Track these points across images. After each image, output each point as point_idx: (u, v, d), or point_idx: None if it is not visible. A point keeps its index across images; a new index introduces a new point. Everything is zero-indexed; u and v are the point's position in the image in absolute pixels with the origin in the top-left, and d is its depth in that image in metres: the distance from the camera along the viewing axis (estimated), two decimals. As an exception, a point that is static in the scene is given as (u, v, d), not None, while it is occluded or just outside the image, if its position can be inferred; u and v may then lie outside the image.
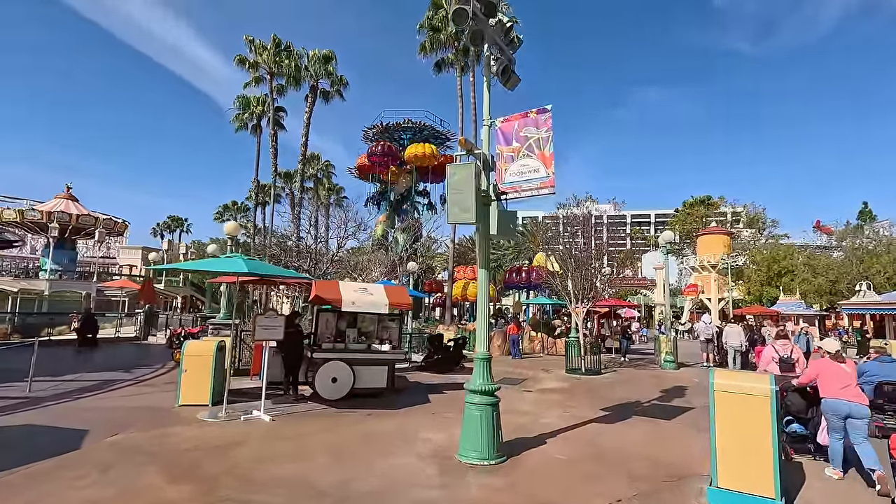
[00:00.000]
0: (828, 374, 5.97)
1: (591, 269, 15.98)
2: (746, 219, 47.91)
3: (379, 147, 35.68)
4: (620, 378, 14.82)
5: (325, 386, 9.43)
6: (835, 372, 5.92)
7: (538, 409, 9.59)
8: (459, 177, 6.08)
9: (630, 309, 30.43)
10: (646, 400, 10.92)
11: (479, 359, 6.41)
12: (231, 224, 12.43)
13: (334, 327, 10.26)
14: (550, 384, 13.13)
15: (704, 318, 18.36)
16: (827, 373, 5.99)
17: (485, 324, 6.43)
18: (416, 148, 35.01)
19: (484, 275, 6.54)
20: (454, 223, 6.16)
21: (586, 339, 21.19)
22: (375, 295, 10.05)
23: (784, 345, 8.53)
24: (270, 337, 8.19)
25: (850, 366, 6.08)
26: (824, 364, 6.13)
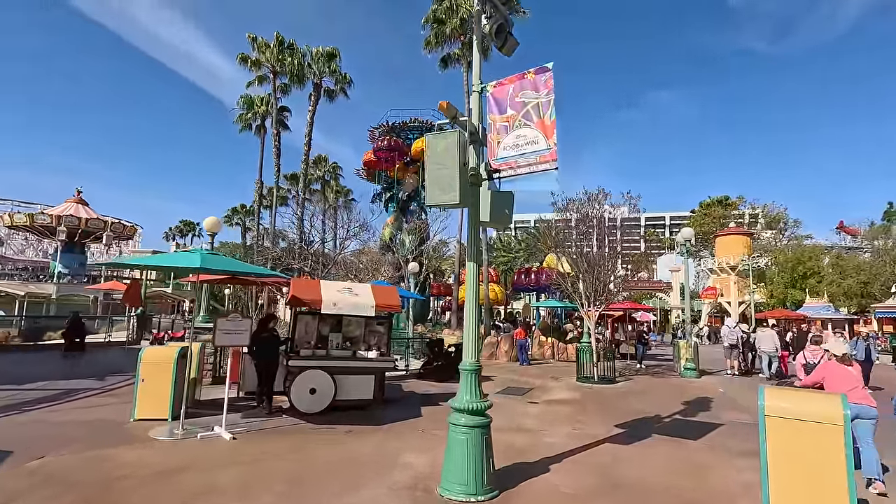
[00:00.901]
0: (835, 376, 5.93)
1: (605, 269, 14.77)
2: (767, 219, 45.98)
3: (385, 142, 34.69)
4: (636, 387, 13.56)
5: (302, 398, 8.38)
6: (842, 375, 5.91)
7: (543, 426, 8.42)
8: (440, 149, 5.00)
9: (646, 312, 28.97)
10: (666, 414, 9.68)
11: (467, 371, 5.30)
12: (210, 219, 11.50)
13: (315, 332, 9.21)
14: (559, 394, 11.93)
15: (728, 322, 16.98)
16: (834, 376, 5.95)
17: (473, 329, 5.32)
18: (423, 143, 33.78)
19: (473, 270, 5.44)
20: (434, 205, 5.02)
21: (599, 345, 19.95)
22: (361, 295, 9.00)
23: (814, 351, 8.02)
24: (233, 343, 7.17)
25: (857, 368, 6.12)
26: (831, 367, 6.12)
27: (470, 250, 5.51)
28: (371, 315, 8.93)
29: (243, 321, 7.19)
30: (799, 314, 29.29)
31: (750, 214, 54.81)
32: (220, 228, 11.78)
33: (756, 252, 38.38)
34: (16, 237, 54.63)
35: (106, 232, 44.34)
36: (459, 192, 4.88)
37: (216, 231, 11.81)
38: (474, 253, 5.49)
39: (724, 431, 8.27)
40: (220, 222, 11.68)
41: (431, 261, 38.19)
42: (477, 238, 5.54)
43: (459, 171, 4.91)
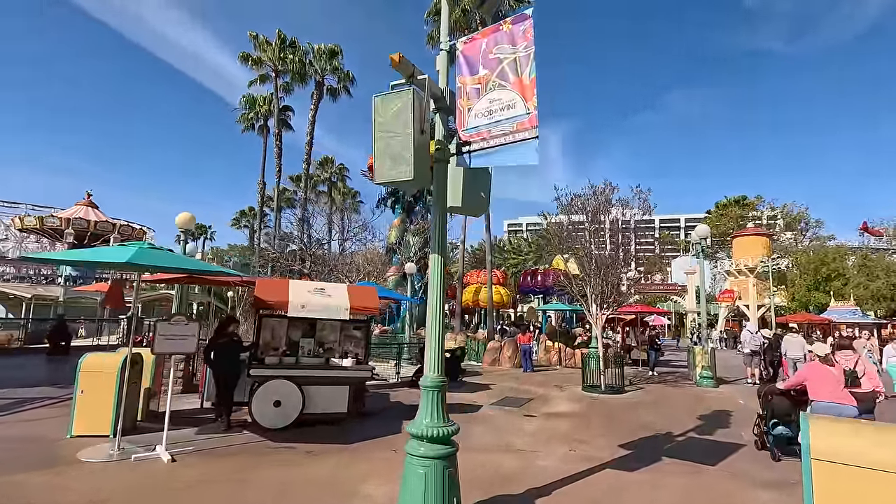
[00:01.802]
0: (818, 377, 6.15)
1: (614, 270, 13.65)
2: (787, 219, 44.13)
3: None
4: (648, 398, 12.41)
5: (265, 411, 7.46)
6: (824, 375, 6.12)
7: (537, 445, 7.38)
8: (391, 113, 4.05)
9: (659, 316, 27.65)
10: (680, 431, 8.57)
11: (428, 388, 4.32)
12: (183, 216, 10.70)
13: (284, 337, 8.29)
14: (561, 406, 10.86)
15: (749, 327, 15.70)
16: (817, 376, 6.16)
17: (437, 333, 4.34)
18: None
19: (437, 264, 4.46)
20: (383, 183, 4.02)
21: (609, 351, 18.79)
22: (334, 297, 8.08)
23: (847, 356, 7.51)
24: (176, 350, 6.28)
25: (838, 369, 6.36)
26: (814, 368, 6.31)
27: (435, 239, 4.53)
28: (345, 318, 7.99)
29: (189, 325, 6.29)
30: (823, 318, 27.70)
31: (769, 216, 52.89)
32: (193, 225, 10.97)
33: (776, 253, 36.70)
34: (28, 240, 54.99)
35: (113, 234, 44.30)
36: (413, 165, 3.91)
37: (189, 228, 11.01)
38: (438, 243, 4.51)
39: (747, 454, 7.15)
40: (193, 219, 10.87)
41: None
42: (442, 225, 4.55)
43: (414, 139, 3.94)
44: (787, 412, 6.80)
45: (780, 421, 6.88)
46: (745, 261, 38.62)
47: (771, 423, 6.96)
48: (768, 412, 7.07)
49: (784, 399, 6.91)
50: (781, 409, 6.89)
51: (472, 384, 13.80)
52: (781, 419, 6.87)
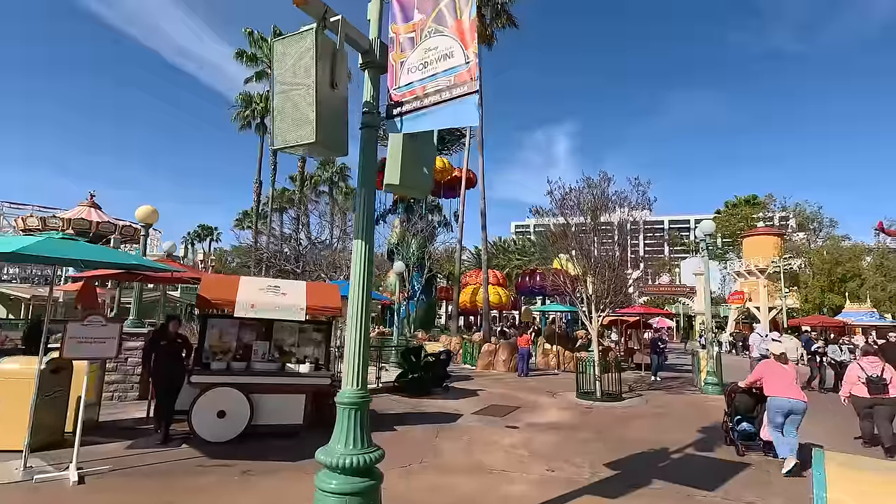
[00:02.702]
0: (773, 374, 6.58)
1: (613, 270, 12.71)
2: (800, 218, 42.65)
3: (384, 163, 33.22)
4: (646, 406, 11.47)
5: (207, 422, 6.68)
6: (779, 373, 6.57)
7: (510, 464, 6.51)
8: (291, 60, 3.25)
9: (664, 318, 26.57)
10: (677, 446, 7.65)
11: (344, 406, 3.49)
12: (144, 209, 9.98)
13: (234, 340, 7.51)
14: (548, 416, 9.96)
15: (759, 330, 14.69)
16: (772, 373, 6.59)
17: (359, 341, 3.50)
18: None
19: (361, 251, 3.62)
20: (282, 149, 3.20)
21: (609, 355, 17.84)
22: (289, 295, 7.28)
23: (873, 362, 7.72)
24: (92, 355, 5.51)
25: (791, 366, 6.81)
26: (769, 365, 6.75)
27: (359, 220, 3.70)
28: (300, 319, 7.18)
29: (108, 326, 5.52)
30: (838, 321, 26.46)
31: (780, 217, 51.27)
32: (155, 219, 10.25)
33: (788, 253, 35.38)
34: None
35: (114, 235, 44.10)
36: (317, 124, 3.09)
37: (151, 223, 10.30)
38: (363, 225, 3.67)
39: (750, 477, 6.23)
40: (155, 212, 10.14)
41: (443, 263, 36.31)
42: (367, 205, 3.72)
43: (318, 90, 3.12)
44: (750, 408, 7.26)
45: (744, 417, 7.29)
46: (755, 261, 37.34)
47: (735, 420, 7.37)
48: (732, 409, 7.49)
49: (746, 396, 7.32)
50: (744, 406, 7.32)
51: (459, 390, 12.94)
52: (745, 415, 7.28)
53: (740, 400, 7.38)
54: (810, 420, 9.88)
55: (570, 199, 13.28)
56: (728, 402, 7.70)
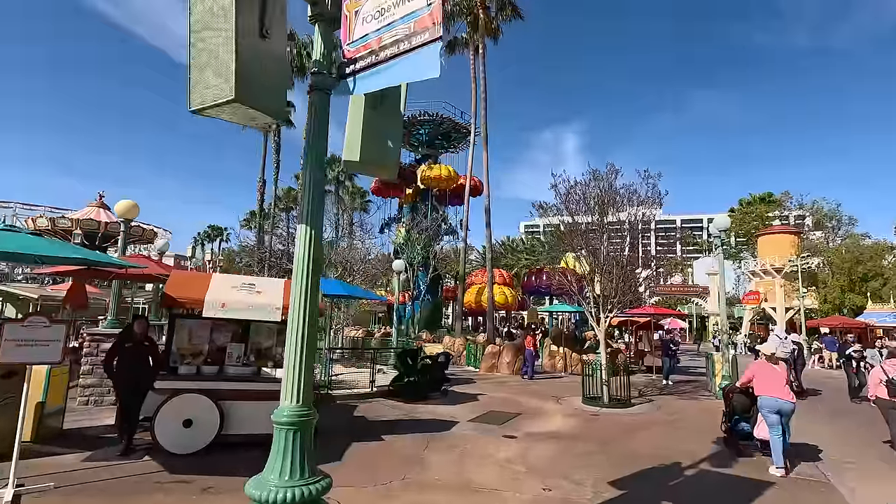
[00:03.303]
0: (763, 374, 6.79)
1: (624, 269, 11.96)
2: (818, 216, 41.30)
3: None
4: (657, 413, 10.74)
5: (171, 432, 6.13)
6: (769, 373, 6.76)
7: (503, 481, 5.87)
8: (203, 6, 2.63)
9: (676, 319, 25.66)
10: (691, 460, 6.94)
11: (281, 426, 2.91)
12: (124, 203, 9.48)
13: (206, 342, 6.96)
14: (551, 423, 9.29)
15: (777, 331, 13.87)
16: (762, 374, 6.80)
17: (301, 342, 2.90)
18: (430, 170, 31.23)
19: (306, 238, 3.01)
20: (200, 111, 2.57)
21: (619, 358, 17.10)
22: (265, 293, 6.71)
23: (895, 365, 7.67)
24: (34, 359, 4.97)
25: (782, 367, 7.00)
26: (760, 366, 6.95)
27: (305, 202, 3.08)
28: (276, 320, 6.60)
29: (52, 328, 4.99)
30: (859, 322, 25.38)
31: (796, 216, 49.76)
32: (135, 214, 9.76)
33: (805, 252, 34.19)
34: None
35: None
36: (237, 77, 2.48)
37: (131, 218, 9.80)
38: (309, 207, 3.06)
39: (776, 497, 5.52)
40: (135, 207, 9.65)
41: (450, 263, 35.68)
42: (314, 183, 3.11)
43: (238, 35, 2.51)
44: (747, 408, 7.32)
45: (741, 417, 7.41)
46: (771, 260, 36.16)
47: (734, 420, 7.49)
48: (730, 409, 7.59)
49: (742, 396, 7.41)
50: (741, 406, 7.41)
51: (458, 394, 12.31)
52: (741, 415, 7.39)
53: (737, 400, 7.51)
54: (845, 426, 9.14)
55: (575, 194, 12.59)
56: (726, 402, 7.87)
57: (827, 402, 12.97)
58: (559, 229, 13.80)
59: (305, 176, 3.12)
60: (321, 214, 3.15)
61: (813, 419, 10.56)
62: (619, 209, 11.93)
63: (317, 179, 3.12)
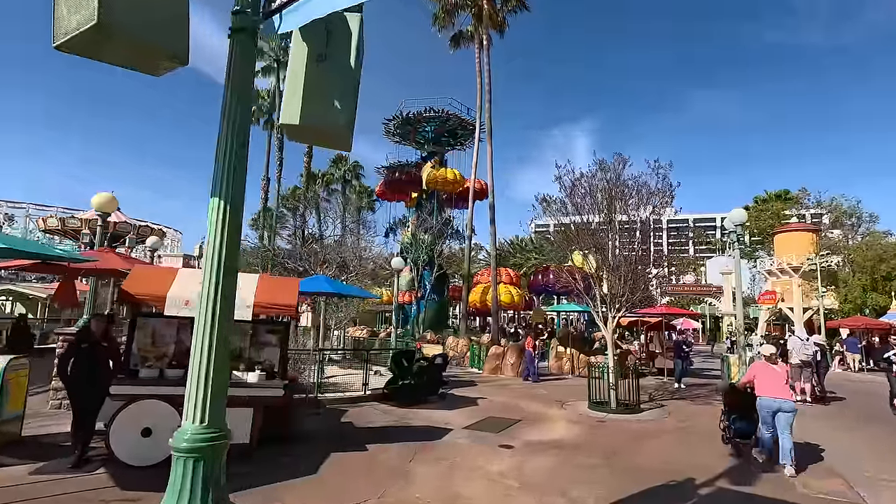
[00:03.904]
0: (763, 375, 6.85)
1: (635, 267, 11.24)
2: (836, 213, 39.93)
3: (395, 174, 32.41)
4: (668, 420, 10.01)
5: (128, 441, 5.58)
6: (769, 373, 6.83)
7: (492, 498, 5.23)
8: None
9: (688, 319, 24.75)
10: (706, 476, 6.24)
11: (181, 454, 2.28)
12: (101, 196, 9.01)
13: (173, 343, 6.41)
14: (553, 431, 8.61)
15: (799, 333, 13.02)
16: (762, 374, 6.87)
17: (208, 351, 2.31)
18: (438, 173, 30.19)
19: (218, 212, 2.41)
20: (65, 46, 1.96)
21: (628, 360, 16.35)
22: (235, 290, 6.09)
23: None
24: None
25: (782, 367, 7.05)
26: (760, 366, 7.05)
27: (220, 168, 2.47)
28: (245, 319, 6.02)
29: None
30: (882, 322, 24.26)
31: (812, 214, 48.27)
32: (114, 207, 9.29)
33: (824, 250, 32.98)
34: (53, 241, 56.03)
35: (130, 235, 44.24)
36: (97, 4, 1.88)
37: (109, 211, 9.33)
38: (225, 174, 2.45)
39: (804, 524, 4.81)
40: (114, 200, 9.17)
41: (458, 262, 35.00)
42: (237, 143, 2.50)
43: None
44: (745, 408, 7.31)
45: (739, 416, 7.40)
46: (788, 259, 35.00)
47: (732, 419, 7.46)
48: (728, 408, 7.61)
49: (741, 396, 7.43)
50: (740, 405, 7.41)
51: (457, 398, 11.68)
52: (740, 414, 7.39)
53: (736, 399, 7.55)
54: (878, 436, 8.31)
55: (581, 186, 11.89)
56: (724, 401, 7.84)
57: (854, 408, 12.11)
58: (563, 224, 13.10)
59: (225, 134, 2.50)
60: (240, 188, 2.53)
61: (839, 427, 9.77)
62: (628, 202, 11.19)
63: (237, 137, 2.51)
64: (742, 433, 7.33)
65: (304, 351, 10.70)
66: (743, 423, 7.31)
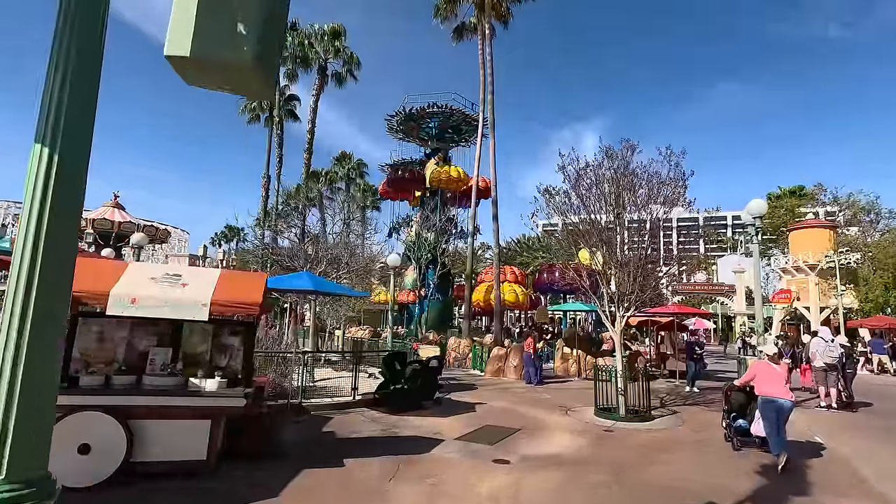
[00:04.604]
0: (764, 374, 6.92)
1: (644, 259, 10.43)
2: (853, 210, 38.58)
3: (399, 173, 31.72)
4: (683, 429, 9.17)
5: (63, 459, 4.85)
6: (769, 372, 6.87)
7: (479, 532, 4.46)
8: None
9: (701, 319, 23.77)
10: (730, 499, 5.43)
11: None
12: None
13: (123, 346, 5.72)
14: (554, 443, 7.82)
15: (823, 333, 12.09)
16: (763, 373, 6.94)
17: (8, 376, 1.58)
18: (441, 172, 29.33)
19: (42, 160, 1.68)
20: None
21: (638, 362, 15.50)
22: (191, 287, 5.44)
23: None
24: None
25: (782, 366, 7.06)
26: (761, 365, 7.09)
27: (47, 102, 1.74)
28: (201, 318, 5.31)
29: None
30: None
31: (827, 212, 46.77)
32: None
33: (843, 247, 31.77)
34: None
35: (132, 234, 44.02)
36: None
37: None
38: (53, 121, 1.72)
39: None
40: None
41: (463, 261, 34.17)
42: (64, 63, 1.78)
43: None
44: (745, 406, 7.53)
45: (739, 414, 7.59)
46: (804, 256, 33.81)
47: (732, 417, 7.67)
48: (729, 407, 7.82)
49: (741, 395, 7.65)
50: (739, 404, 7.63)
51: (454, 403, 10.93)
52: (740, 412, 7.58)
53: (735, 398, 7.74)
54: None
55: (586, 176, 11.07)
56: (725, 399, 8.02)
57: (885, 415, 11.18)
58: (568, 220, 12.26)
59: (58, 43, 1.75)
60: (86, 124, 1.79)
61: (871, 437, 8.87)
62: (637, 193, 10.36)
63: (85, 49, 1.76)
64: (742, 431, 7.49)
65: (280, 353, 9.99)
66: (742, 421, 7.51)
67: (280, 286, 9.94)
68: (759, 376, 6.96)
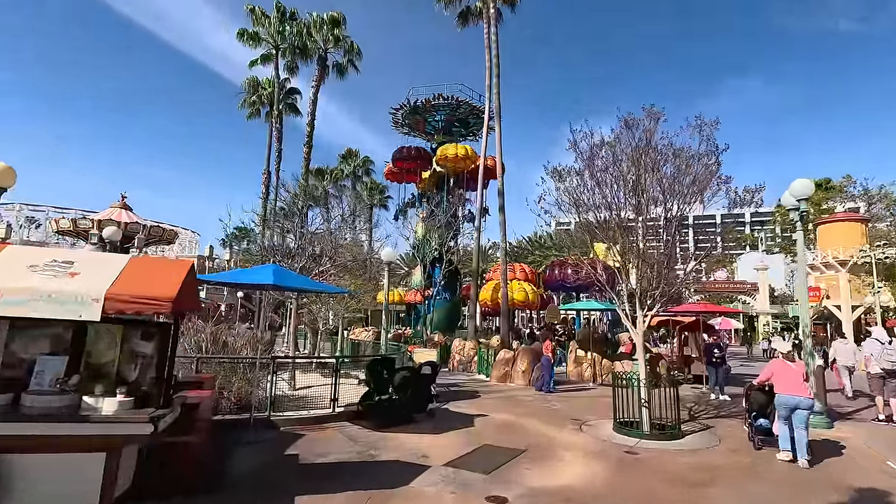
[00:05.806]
0: (780, 372, 7.03)
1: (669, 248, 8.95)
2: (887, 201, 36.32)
3: (405, 152, 30.33)
4: (719, 450, 7.64)
5: None
6: (786, 371, 6.99)
7: None
8: None
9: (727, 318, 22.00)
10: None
11: None
12: None
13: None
14: (565, 472, 6.38)
15: (878, 334, 10.45)
16: (780, 372, 7.04)
17: None
18: (448, 149, 28.18)
19: None
20: None
21: (660, 365, 13.98)
22: (81, 277, 4.14)
23: None
24: None
25: (799, 364, 7.21)
26: (777, 364, 7.21)
27: None
28: (93, 318, 3.99)
29: None
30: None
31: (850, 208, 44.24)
32: (11, 181, 7.45)
33: (876, 242, 29.69)
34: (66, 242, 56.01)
35: (139, 235, 43.47)
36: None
37: (6, 186, 7.49)
38: None
39: None
40: (10, 170, 7.34)
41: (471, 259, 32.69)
42: None
43: None
44: (765, 405, 7.54)
45: (760, 414, 7.61)
46: (834, 252, 31.76)
47: (753, 416, 7.66)
48: (749, 406, 7.79)
49: (760, 394, 7.61)
50: (759, 403, 7.63)
51: (450, 415, 9.55)
52: (760, 412, 7.60)
53: (755, 398, 7.67)
54: None
55: (600, 157, 9.58)
56: (746, 399, 7.93)
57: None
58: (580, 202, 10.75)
59: None
60: None
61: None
62: (661, 169, 8.86)
63: None
64: (764, 430, 7.52)
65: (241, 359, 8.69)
66: (763, 420, 7.53)
67: (238, 280, 8.65)
68: (776, 375, 7.07)
